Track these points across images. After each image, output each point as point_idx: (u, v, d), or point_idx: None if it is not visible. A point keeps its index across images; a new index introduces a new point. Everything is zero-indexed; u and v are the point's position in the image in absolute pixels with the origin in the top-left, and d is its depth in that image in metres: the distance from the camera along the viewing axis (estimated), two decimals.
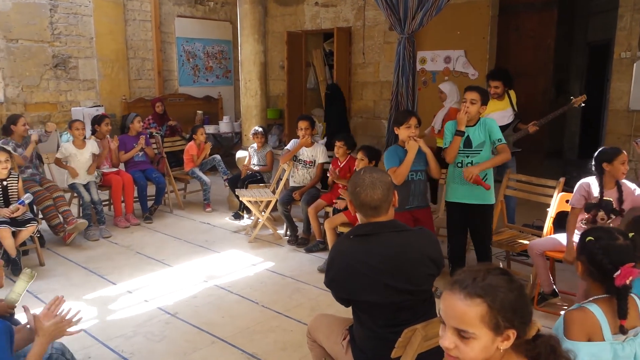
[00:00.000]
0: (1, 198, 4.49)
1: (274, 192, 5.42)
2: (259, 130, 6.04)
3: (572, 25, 8.94)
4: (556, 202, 3.89)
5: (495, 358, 1.34)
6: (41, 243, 4.91)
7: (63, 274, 4.48)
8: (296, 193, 5.23)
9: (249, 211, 5.72)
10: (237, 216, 6.03)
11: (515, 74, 5.35)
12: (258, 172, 6.00)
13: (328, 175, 5.07)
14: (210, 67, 9.88)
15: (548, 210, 3.95)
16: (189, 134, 6.71)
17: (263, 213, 5.37)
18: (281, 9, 9.50)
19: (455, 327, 1.31)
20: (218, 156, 6.71)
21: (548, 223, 3.93)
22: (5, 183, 4.50)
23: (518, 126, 4.90)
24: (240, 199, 5.55)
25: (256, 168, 6.02)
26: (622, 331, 1.82)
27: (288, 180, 5.46)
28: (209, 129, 8.64)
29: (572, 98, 4.70)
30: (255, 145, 6.08)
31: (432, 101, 7.54)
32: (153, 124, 7.53)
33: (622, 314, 1.83)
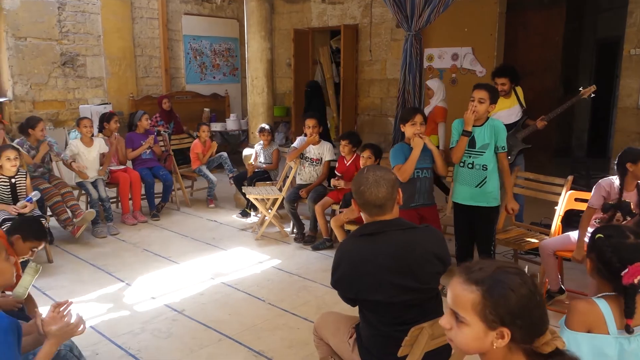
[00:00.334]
0: (10, 195, 4.53)
1: (281, 190, 5.42)
2: (266, 127, 6.03)
3: (581, 22, 8.87)
4: (564, 201, 3.86)
5: (494, 356, 1.33)
6: (50, 240, 4.95)
7: (71, 271, 4.51)
8: (303, 191, 5.22)
9: (256, 209, 5.73)
10: (244, 214, 6.04)
11: (522, 72, 5.28)
12: (265, 170, 6.00)
13: (332, 185, 5.09)
14: (217, 65, 9.89)
15: (556, 208, 3.92)
16: (196, 132, 6.73)
17: (270, 211, 5.38)
18: (288, 6, 9.49)
19: (451, 308, 1.35)
20: (225, 154, 6.72)
21: (556, 221, 3.90)
22: (13, 180, 4.54)
23: (526, 122, 4.84)
24: (247, 197, 5.56)
25: (263, 166, 6.02)
26: (628, 330, 1.81)
27: (295, 177, 5.46)
28: (216, 127, 8.66)
29: (581, 89, 4.61)
30: (261, 143, 6.08)
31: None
32: (160, 122, 7.56)
33: (629, 313, 1.81)
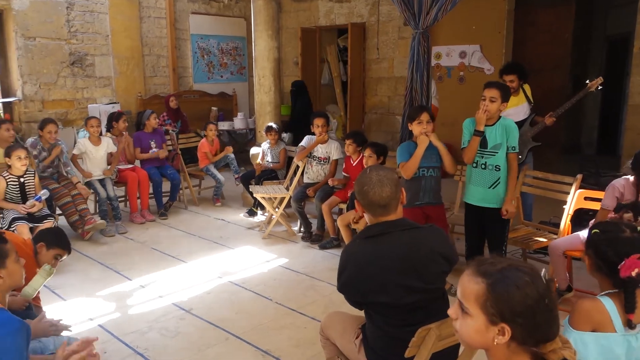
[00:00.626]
0: (19, 194, 4.56)
1: (288, 189, 5.42)
2: (273, 127, 6.00)
3: (591, 18, 8.78)
4: (574, 199, 3.83)
5: (497, 353, 1.33)
6: None
7: (80, 270, 4.53)
8: (310, 190, 5.21)
9: (263, 208, 5.73)
10: (251, 213, 6.04)
11: (531, 70, 5.22)
12: (272, 169, 6.00)
13: (330, 184, 5.12)
14: (224, 64, 9.90)
15: (565, 207, 3.89)
16: (203, 131, 6.74)
17: (277, 209, 5.38)
18: (295, 5, 9.48)
19: (458, 298, 1.38)
20: (231, 155, 6.71)
21: (565, 221, 3.87)
22: (22, 180, 4.57)
23: (535, 119, 4.81)
24: (254, 196, 5.56)
25: (270, 166, 6.01)
26: (630, 325, 1.79)
27: (302, 176, 5.45)
28: (224, 126, 8.67)
29: (588, 82, 4.55)
30: (268, 142, 6.06)
31: (448, 97, 7.50)
32: (167, 121, 7.58)
33: (629, 308, 1.79)
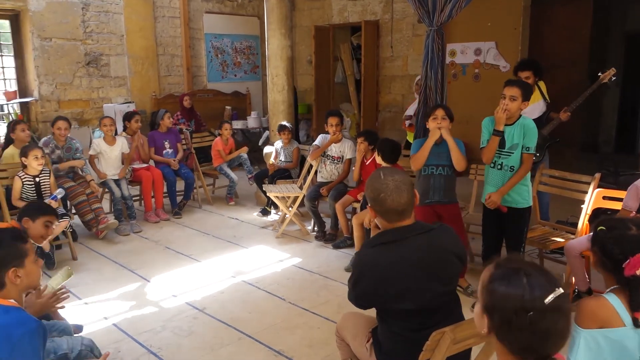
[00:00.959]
0: (35, 194, 4.61)
1: (301, 188, 5.40)
2: (287, 126, 5.97)
3: (609, 13, 8.63)
4: (592, 199, 3.76)
5: (500, 356, 1.35)
6: (74, 237, 5.03)
7: (95, 269, 4.57)
8: (324, 189, 5.19)
9: (277, 207, 5.72)
10: (265, 212, 6.04)
11: (548, 66, 5.14)
12: (285, 168, 5.98)
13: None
14: (238, 63, 9.92)
15: (583, 207, 3.82)
16: (218, 130, 6.75)
17: (290, 208, 5.36)
18: (308, 3, 9.46)
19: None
20: (244, 155, 6.71)
21: (583, 220, 3.80)
22: (38, 179, 4.61)
23: (550, 115, 4.74)
24: (267, 195, 5.56)
25: (283, 165, 6.00)
26: (636, 324, 1.75)
27: (315, 175, 5.43)
28: (237, 125, 8.68)
29: (600, 74, 4.43)
30: (281, 141, 6.04)
31: (463, 95, 7.43)
32: (182, 120, 7.61)
33: (635, 306, 1.76)
